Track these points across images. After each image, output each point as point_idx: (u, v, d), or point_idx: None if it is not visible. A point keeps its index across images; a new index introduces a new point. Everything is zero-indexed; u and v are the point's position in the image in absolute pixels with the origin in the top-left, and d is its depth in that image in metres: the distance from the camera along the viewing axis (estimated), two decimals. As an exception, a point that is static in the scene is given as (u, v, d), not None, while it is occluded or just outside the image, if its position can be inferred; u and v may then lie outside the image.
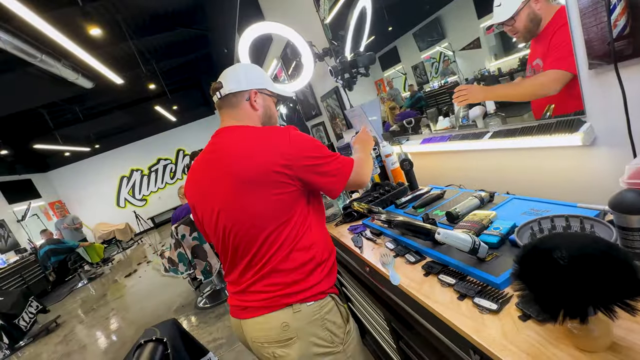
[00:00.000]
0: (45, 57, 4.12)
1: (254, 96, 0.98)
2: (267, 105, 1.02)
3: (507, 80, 1.47)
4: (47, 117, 6.54)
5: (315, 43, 2.12)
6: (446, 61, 1.83)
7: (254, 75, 1.01)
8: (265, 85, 1.01)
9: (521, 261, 0.51)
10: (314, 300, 0.89)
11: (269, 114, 1.03)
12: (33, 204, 7.44)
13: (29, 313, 4.07)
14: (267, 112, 1.02)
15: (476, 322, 0.62)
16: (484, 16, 1.24)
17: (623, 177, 0.61)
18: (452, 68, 1.81)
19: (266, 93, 1.02)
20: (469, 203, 1.02)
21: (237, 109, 0.98)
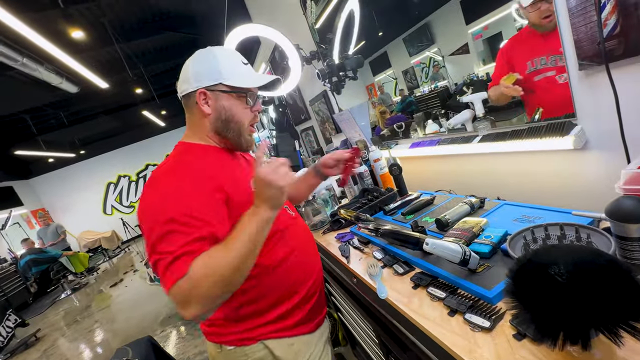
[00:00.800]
0: (27, 61, 3.99)
1: (202, 98, 0.78)
2: (221, 106, 0.79)
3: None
4: (30, 122, 6.34)
5: (302, 46, 2.08)
6: (436, 66, 1.83)
7: (202, 68, 0.79)
8: (222, 78, 0.78)
9: (515, 276, 0.46)
10: (237, 345, 0.82)
11: (225, 117, 0.80)
12: (14, 212, 7.18)
13: (6, 327, 3.87)
14: (221, 115, 0.80)
15: (468, 340, 0.57)
16: (472, 22, 1.23)
17: (619, 182, 0.58)
18: (442, 73, 1.80)
19: (221, 90, 0.78)
20: (459, 210, 0.98)
21: (190, 115, 0.83)
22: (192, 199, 0.67)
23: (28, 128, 6.56)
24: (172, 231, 0.63)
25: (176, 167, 0.75)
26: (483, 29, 1.22)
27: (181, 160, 0.77)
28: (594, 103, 0.80)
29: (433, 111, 1.76)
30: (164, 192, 0.68)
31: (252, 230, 0.65)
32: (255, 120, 0.86)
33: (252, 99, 0.84)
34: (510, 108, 1.26)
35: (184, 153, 0.79)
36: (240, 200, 0.75)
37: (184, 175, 0.71)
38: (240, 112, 0.82)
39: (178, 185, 0.69)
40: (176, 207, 0.65)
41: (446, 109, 1.60)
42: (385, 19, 1.78)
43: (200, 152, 0.81)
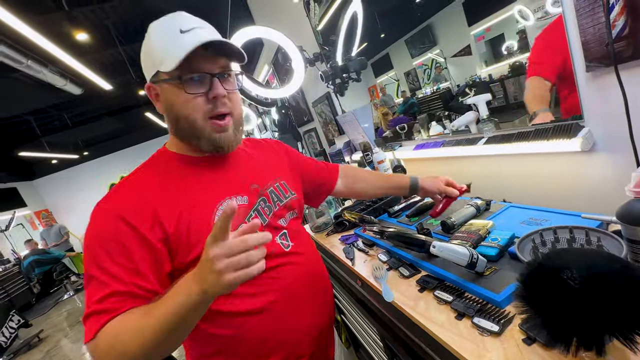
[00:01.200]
0: (31, 63, 4.01)
1: (152, 94, 0.66)
2: (166, 100, 0.64)
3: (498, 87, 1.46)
4: (34, 123, 6.37)
5: (305, 48, 2.08)
6: (438, 68, 1.82)
7: (143, 55, 0.65)
8: (157, 64, 0.61)
9: (526, 280, 0.46)
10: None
11: (172, 115, 0.64)
12: (18, 213, 7.22)
13: (9, 328, 3.89)
14: (169, 112, 0.65)
15: (477, 345, 0.56)
16: (474, 24, 1.23)
17: (629, 185, 0.57)
18: (444, 74, 1.80)
19: (162, 79, 0.62)
20: (465, 212, 0.98)
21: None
22: (109, 244, 0.57)
23: (32, 129, 6.60)
24: (91, 277, 0.56)
25: (111, 195, 0.63)
26: (485, 31, 1.21)
27: (121, 186, 0.65)
28: (602, 105, 0.79)
29: (437, 113, 1.76)
30: (90, 227, 0.60)
31: (176, 309, 0.49)
32: (217, 110, 0.64)
33: (198, 83, 0.62)
34: (513, 109, 1.26)
35: (140, 169, 0.68)
36: (198, 229, 0.62)
37: (109, 209, 0.60)
38: (183, 104, 0.62)
39: (102, 222, 0.59)
40: (96, 249, 0.57)
41: (449, 110, 1.60)
42: (388, 21, 1.78)
43: (160, 167, 0.68)
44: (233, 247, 0.46)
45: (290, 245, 0.75)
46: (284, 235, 0.76)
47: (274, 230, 0.74)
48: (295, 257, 0.75)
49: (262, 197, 0.75)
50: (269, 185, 0.78)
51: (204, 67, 0.62)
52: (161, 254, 0.60)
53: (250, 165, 0.79)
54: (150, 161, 0.69)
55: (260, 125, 5.29)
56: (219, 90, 0.63)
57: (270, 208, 0.75)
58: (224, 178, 0.71)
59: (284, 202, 0.79)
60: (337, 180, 1.03)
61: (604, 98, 0.78)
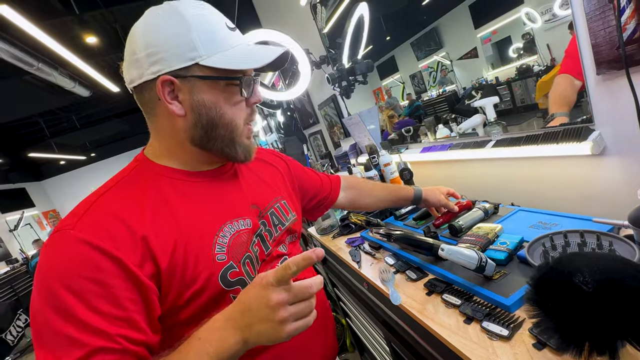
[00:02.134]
0: (42, 66, 4.09)
1: (167, 91, 0.51)
2: (201, 102, 0.52)
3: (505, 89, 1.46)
4: (43, 125, 6.49)
5: (312, 51, 2.10)
6: (444, 70, 1.82)
7: (164, 38, 0.49)
8: (199, 55, 0.50)
9: (537, 284, 0.45)
10: None
11: (208, 119, 0.53)
12: (26, 213, 7.32)
13: (16, 327, 3.94)
14: (200, 116, 0.53)
15: (486, 350, 0.56)
16: (481, 26, 1.24)
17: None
18: (450, 77, 1.80)
19: (198, 75, 0.51)
20: (473, 215, 0.97)
21: (153, 118, 0.56)
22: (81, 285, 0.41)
23: (41, 131, 6.71)
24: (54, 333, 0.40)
25: (80, 218, 0.47)
26: (492, 33, 1.21)
27: (94, 206, 0.49)
28: (612, 108, 0.79)
29: (443, 115, 1.75)
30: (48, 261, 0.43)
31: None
32: (252, 118, 0.59)
33: (247, 87, 0.55)
34: (520, 112, 1.26)
35: (118, 185, 0.53)
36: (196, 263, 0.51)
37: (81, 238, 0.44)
38: (231, 109, 0.54)
39: (71, 255, 0.43)
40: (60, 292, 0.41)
41: (455, 113, 1.59)
42: (393, 23, 1.79)
43: (145, 184, 0.54)
44: (298, 294, 0.40)
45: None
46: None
47: (276, 259, 0.66)
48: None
49: (262, 219, 0.64)
50: (270, 207, 0.68)
51: (251, 70, 0.56)
52: (152, 295, 0.46)
53: (251, 181, 0.68)
54: (130, 176, 0.55)
55: (266, 127, 5.31)
56: (259, 95, 0.58)
57: (270, 233, 0.65)
58: (224, 197, 0.60)
59: (285, 225, 0.69)
60: (339, 193, 0.98)
61: (614, 101, 0.77)
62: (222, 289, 0.53)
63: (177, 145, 0.57)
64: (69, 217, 0.48)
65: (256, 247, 0.61)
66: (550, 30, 1.02)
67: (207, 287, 0.51)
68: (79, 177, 9.21)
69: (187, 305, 0.50)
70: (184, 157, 0.58)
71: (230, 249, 0.55)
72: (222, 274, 0.53)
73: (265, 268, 0.62)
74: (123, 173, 0.57)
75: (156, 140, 0.59)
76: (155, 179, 0.55)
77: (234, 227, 0.57)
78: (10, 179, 7.48)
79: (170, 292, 0.49)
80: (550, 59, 1.10)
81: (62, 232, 0.45)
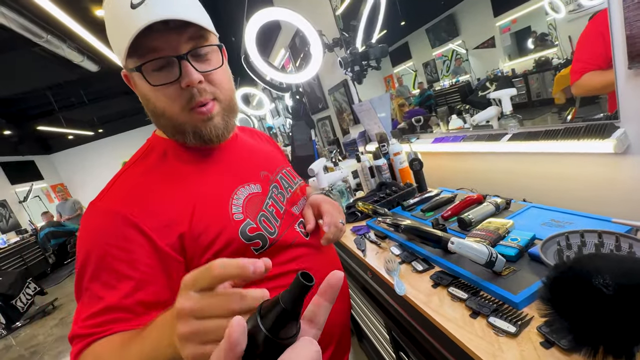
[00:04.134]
0: (51, 38, 4.05)
1: (131, 82, 0.56)
2: (141, 94, 0.54)
3: (521, 82, 1.40)
4: (51, 98, 6.49)
5: (325, 32, 2.03)
6: (458, 60, 1.76)
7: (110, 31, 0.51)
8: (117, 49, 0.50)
9: (552, 283, 0.44)
10: None
11: (149, 109, 0.55)
12: (35, 185, 7.46)
13: (26, 294, 4.08)
14: (145, 106, 0.56)
15: (492, 345, 0.55)
16: (500, 14, 1.18)
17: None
18: (464, 67, 1.74)
19: (130, 67, 0.51)
20: (484, 209, 0.95)
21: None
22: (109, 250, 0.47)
23: (50, 104, 6.72)
24: (84, 290, 0.48)
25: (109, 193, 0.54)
26: (512, 22, 1.16)
27: (119, 183, 0.55)
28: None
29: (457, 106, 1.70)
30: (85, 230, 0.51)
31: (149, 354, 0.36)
32: (197, 100, 0.52)
33: (164, 70, 0.50)
34: (535, 107, 1.21)
35: (135, 163, 0.58)
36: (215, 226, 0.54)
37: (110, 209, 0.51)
38: (160, 99, 0.52)
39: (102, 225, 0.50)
40: (92, 257, 0.48)
41: (467, 104, 1.55)
42: (409, 8, 1.72)
43: (158, 159, 0.58)
44: (210, 306, 0.28)
45: (309, 234, 0.69)
46: (302, 223, 0.70)
47: (291, 218, 0.68)
48: (315, 247, 0.69)
49: (274, 183, 0.68)
50: (278, 172, 0.72)
51: (164, 49, 0.49)
52: (172, 261, 0.50)
53: (254, 151, 0.71)
54: (144, 154, 0.59)
55: (273, 110, 5.25)
56: (192, 76, 0.50)
57: (283, 195, 0.69)
58: (231, 165, 0.63)
59: (294, 188, 0.74)
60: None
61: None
62: (243, 243, 0.56)
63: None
64: (100, 193, 0.55)
65: (271, 207, 0.64)
66: (574, 21, 0.96)
67: (230, 244, 0.55)
68: (86, 152, 9.30)
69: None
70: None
71: (245, 208, 0.59)
72: (241, 230, 0.56)
73: (285, 226, 0.64)
74: (138, 153, 0.61)
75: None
76: (165, 153, 0.59)
77: (246, 191, 0.61)
78: (19, 151, 7.57)
79: (195, 256, 0.53)
80: (571, 52, 1.05)
81: (91, 204, 0.53)
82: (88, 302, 0.47)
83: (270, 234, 0.60)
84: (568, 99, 1.15)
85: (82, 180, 9.32)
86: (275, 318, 0.21)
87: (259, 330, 0.21)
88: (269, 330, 0.21)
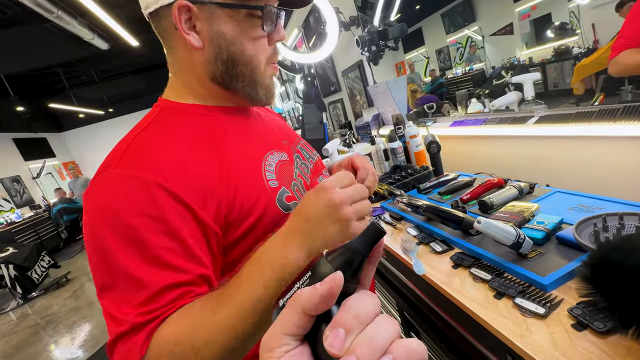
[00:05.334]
0: (62, 14, 4.01)
1: (183, 18, 0.47)
2: (220, 33, 0.48)
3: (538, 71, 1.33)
4: (62, 76, 6.50)
5: (342, 10, 1.96)
6: (473, 47, 1.69)
7: None
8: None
9: (597, 263, 0.41)
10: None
11: (224, 55, 0.49)
12: (48, 162, 7.59)
13: (41, 267, 4.21)
14: (220, 50, 0.49)
15: (518, 325, 0.54)
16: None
17: None
18: (478, 55, 1.67)
19: (218, 2, 0.46)
20: (506, 193, 0.92)
21: (170, 51, 0.53)
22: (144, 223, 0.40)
23: (60, 82, 6.74)
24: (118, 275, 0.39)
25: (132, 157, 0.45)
26: (531, 9, 1.09)
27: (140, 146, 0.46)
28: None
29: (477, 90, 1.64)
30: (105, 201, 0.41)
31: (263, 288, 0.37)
32: (276, 58, 0.55)
33: (270, 20, 0.50)
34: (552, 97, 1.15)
35: (152, 127, 0.50)
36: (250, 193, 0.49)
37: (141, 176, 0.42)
38: (252, 45, 0.50)
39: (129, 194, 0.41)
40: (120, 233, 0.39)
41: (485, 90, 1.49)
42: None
43: (179, 123, 0.51)
44: (357, 193, 0.40)
45: None
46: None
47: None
48: None
49: (296, 153, 0.66)
50: (297, 143, 0.69)
51: (273, 0, 0.51)
52: (213, 236, 0.45)
53: (272, 122, 0.68)
54: (158, 119, 0.51)
55: (283, 93, 5.18)
56: (284, 33, 0.54)
57: (306, 165, 0.66)
58: (258, 132, 0.59)
59: (315, 159, 0.71)
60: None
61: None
62: (281, 212, 0.51)
63: (197, 82, 0.53)
64: (108, 161, 0.45)
65: (299, 177, 0.60)
66: (598, 8, 0.89)
67: (267, 213, 0.49)
68: (96, 131, 9.37)
69: (249, 233, 0.48)
70: (204, 94, 0.54)
71: (279, 175, 0.55)
72: (278, 198, 0.52)
73: None
74: (148, 118, 0.52)
75: (177, 78, 0.55)
76: (187, 117, 0.52)
77: (276, 158, 0.57)
78: (32, 128, 7.66)
79: (231, 228, 0.47)
80: (593, 41, 0.98)
81: (104, 173, 0.43)
82: (129, 290, 0.39)
83: None
84: (587, 90, 1.10)
85: (92, 158, 9.43)
86: (345, 261, 0.21)
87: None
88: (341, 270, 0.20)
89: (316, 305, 0.18)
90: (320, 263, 0.21)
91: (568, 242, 0.65)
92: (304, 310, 0.18)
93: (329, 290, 0.18)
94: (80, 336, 2.87)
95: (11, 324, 3.54)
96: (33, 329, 3.24)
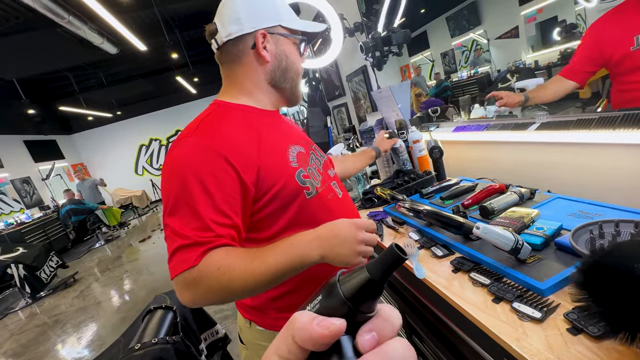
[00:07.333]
0: (72, 19, 4.10)
1: (262, 40, 0.69)
2: (281, 51, 0.72)
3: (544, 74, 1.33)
4: (72, 79, 6.64)
5: (346, 16, 1.99)
6: (478, 50, 1.69)
7: (259, 4, 0.69)
8: (280, 19, 0.70)
9: (589, 269, 0.43)
10: (266, 328, 0.75)
11: (283, 65, 0.73)
12: (57, 164, 7.72)
13: (49, 267, 4.28)
14: (280, 62, 0.72)
15: (515, 329, 0.55)
16: (526, 3, 1.12)
17: None
18: (483, 58, 1.67)
19: (281, 33, 0.71)
20: (507, 199, 0.93)
21: (238, 65, 0.72)
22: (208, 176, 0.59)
23: (70, 85, 6.88)
24: (184, 204, 0.57)
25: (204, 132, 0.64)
26: (537, 12, 1.10)
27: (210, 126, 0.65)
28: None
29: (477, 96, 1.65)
30: (182, 156, 0.61)
31: (291, 263, 0.56)
32: (302, 71, 0.81)
33: (304, 45, 0.77)
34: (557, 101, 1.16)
35: (215, 115, 0.68)
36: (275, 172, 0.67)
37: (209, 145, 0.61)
38: (296, 59, 0.75)
39: (200, 156, 0.60)
40: (191, 177, 0.58)
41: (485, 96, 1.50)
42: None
43: (237, 116, 0.69)
44: (372, 240, 0.61)
45: (341, 194, 0.82)
46: (335, 185, 0.82)
47: (328, 178, 0.80)
48: (347, 205, 0.82)
49: (311, 150, 0.81)
50: (311, 144, 0.85)
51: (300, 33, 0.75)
52: (248, 197, 0.63)
53: (293, 127, 0.87)
54: (216, 112, 0.69)
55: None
56: (304, 57, 0.79)
57: (319, 160, 0.82)
58: (283, 129, 0.78)
59: (325, 158, 0.87)
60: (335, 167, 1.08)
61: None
62: (298, 185, 0.69)
63: (256, 86, 0.73)
64: (184, 133, 0.64)
65: (313, 165, 0.77)
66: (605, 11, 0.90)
67: (288, 184, 0.67)
68: (105, 134, 9.52)
69: (274, 199, 0.66)
70: (259, 96, 0.74)
71: (298, 159, 0.72)
72: (297, 175, 0.69)
73: (323, 183, 0.77)
74: (209, 110, 0.70)
75: (234, 86, 0.73)
76: (237, 112, 0.70)
77: (296, 149, 0.74)
78: (42, 130, 7.82)
79: (259, 194, 0.65)
80: None
81: (183, 140, 0.62)
82: (193, 216, 0.56)
83: (317, 183, 0.73)
84: (594, 93, 1.10)
85: (101, 161, 9.58)
86: (359, 289, 0.18)
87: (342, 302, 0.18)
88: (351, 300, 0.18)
89: (304, 341, 0.16)
90: (332, 285, 0.19)
91: (566, 248, 0.66)
92: (294, 338, 0.17)
93: (319, 336, 0.16)
94: (87, 336, 2.91)
95: (20, 323, 3.60)
96: (41, 329, 3.30)
